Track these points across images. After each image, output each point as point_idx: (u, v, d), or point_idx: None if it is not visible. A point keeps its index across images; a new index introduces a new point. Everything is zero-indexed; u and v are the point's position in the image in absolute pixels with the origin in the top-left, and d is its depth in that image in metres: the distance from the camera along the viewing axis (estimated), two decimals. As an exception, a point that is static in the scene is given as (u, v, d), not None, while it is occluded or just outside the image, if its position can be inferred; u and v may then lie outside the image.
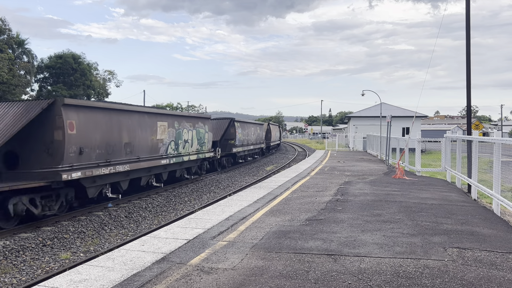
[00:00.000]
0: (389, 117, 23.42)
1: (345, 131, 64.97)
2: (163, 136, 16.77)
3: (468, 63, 13.71)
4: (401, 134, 38.76)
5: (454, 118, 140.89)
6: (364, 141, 40.07)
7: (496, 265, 5.65)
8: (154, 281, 5.15)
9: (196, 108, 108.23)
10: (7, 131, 10.63)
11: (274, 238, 7.06)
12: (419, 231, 7.41)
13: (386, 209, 9.52)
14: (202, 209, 11.35)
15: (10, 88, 40.52)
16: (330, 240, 6.91)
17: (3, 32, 43.69)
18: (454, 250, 6.31)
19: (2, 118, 11.15)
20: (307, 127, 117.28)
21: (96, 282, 5.15)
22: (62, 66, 53.16)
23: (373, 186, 13.57)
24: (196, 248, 6.56)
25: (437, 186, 13.63)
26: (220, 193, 17.97)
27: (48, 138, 11.33)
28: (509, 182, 9.83)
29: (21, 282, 7.65)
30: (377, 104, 43.05)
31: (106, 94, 60.68)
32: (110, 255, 6.34)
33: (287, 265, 5.69)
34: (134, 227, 12.16)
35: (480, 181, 11.23)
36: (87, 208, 13.09)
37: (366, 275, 5.26)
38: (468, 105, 13.97)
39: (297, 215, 8.89)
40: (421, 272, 5.37)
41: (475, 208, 9.93)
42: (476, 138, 11.50)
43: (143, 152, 15.19)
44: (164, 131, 16.88)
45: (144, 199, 15.38)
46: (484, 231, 7.49)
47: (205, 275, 5.33)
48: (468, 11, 13.74)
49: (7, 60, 41.20)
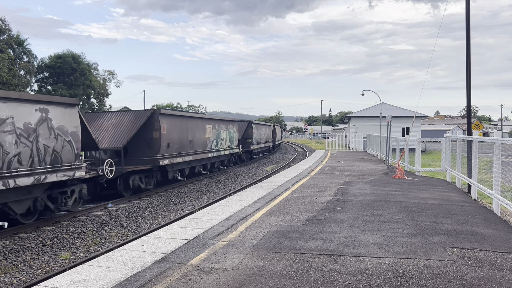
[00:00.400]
0: (389, 117, 23.42)
1: (345, 131, 64.97)
2: (209, 135, 22.37)
3: (468, 63, 13.71)
4: (401, 134, 38.76)
5: (454, 118, 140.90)
6: (364, 141, 40.07)
7: (496, 265, 5.65)
8: (154, 281, 5.16)
9: (196, 108, 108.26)
10: (127, 134, 15.97)
11: (274, 238, 7.06)
12: (419, 231, 7.41)
13: (386, 209, 9.52)
14: (202, 209, 11.35)
15: (10, 88, 40.50)
16: (330, 240, 6.91)
17: (3, 32, 43.69)
18: (454, 250, 6.31)
19: (120, 124, 16.52)
20: (307, 127, 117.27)
21: (96, 282, 5.15)
22: (62, 66, 53.11)
23: (373, 186, 13.57)
24: (196, 248, 6.56)
25: (437, 186, 13.63)
26: (220, 193, 17.97)
27: (149, 136, 16.73)
28: (509, 182, 9.83)
29: (21, 282, 7.65)
30: (377, 104, 43.06)
31: (106, 94, 60.62)
32: (110, 255, 6.34)
33: (287, 265, 5.68)
34: (134, 227, 12.16)
35: (480, 181, 11.23)
36: (87, 208, 13.10)
37: (366, 275, 5.26)
38: (468, 105, 13.98)
39: (297, 215, 8.89)
40: (421, 272, 5.37)
41: (475, 208, 9.93)
42: (476, 138, 11.50)
43: (199, 147, 20.87)
44: (210, 132, 22.49)
45: (144, 199, 15.39)
46: (484, 231, 7.49)
47: (205, 275, 5.33)
48: (468, 11, 13.75)
49: (7, 60, 41.21)
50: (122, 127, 16.39)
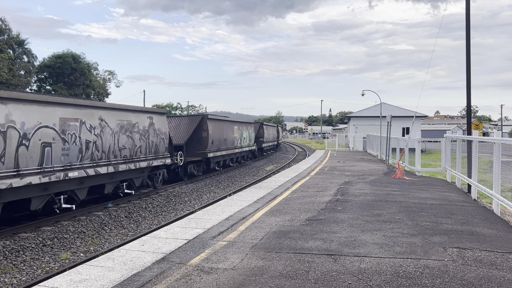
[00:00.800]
0: (389, 117, 23.42)
1: (345, 131, 64.95)
2: (236, 135, 28.40)
3: (468, 63, 13.71)
4: (401, 134, 38.75)
5: (454, 118, 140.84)
6: (364, 141, 40.06)
7: (496, 265, 5.65)
8: (154, 281, 5.15)
9: (196, 108, 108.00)
10: (186, 133, 21.86)
11: (274, 238, 7.06)
12: (419, 231, 7.41)
13: (386, 209, 9.52)
14: (202, 209, 11.35)
15: (10, 88, 40.49)
16: (330, 240, 6.91)
17: (3, 32, 43.67)
18: (454, 250, 6.31)
19: (179, 126, 22.30)
20: (307, 127, 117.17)
21: (96, 282, 5.15)
22: (62, 66, 53.08)
23: (373, 186, 13.57)
24: (196, 248, 6.56)
25: (437, 186, 13.63)
26: (220, 193, 17.97)
27: (199, 135, 22.21)
28: (509, 182, 9.83)
29: (21, 282, 7.65)
30: (377, 104, 43.04)
31: (106, 94, 60.62)
32: (110, 255, 6.34)
33: (287, 265, 5.68)
34: (134, 227, 12.16)
35: (480, 181, 11.23)
36: (87, 208, 13.10)
37: (366, 275, 5.26)
38: (468, 105, 13.98)
39: (297, 215, 8.88)
40: (421, 272, 5.37)
41: (475, 208, 9.93)
42: (476, 138, 11.49)
43: (229, 144, 26.72)
44: (236, 132, 28.50)
45: (144, 199, 15.39)
46: (484, 231, 7.49)
47: (205, 275, 5.33)
48: (468, 11, 13.74)
49: (7, 60, 41.20)
50: (181, 128, 22.22)
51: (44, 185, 10.71)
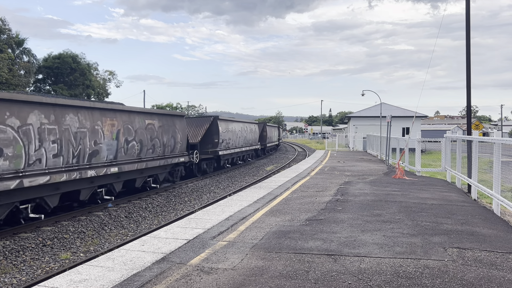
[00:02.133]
0: (389, 117, 23.42)
1: (345, 131, 64.95)
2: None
3: (468, 63, 13.71)
4: (401, 134, 38.75)
5: (454, 118, 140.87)
6: (364, 141, 40.06)
7: (496, 265, 5.65)
8: (154, 281, 5.15)
9: (196, 108, 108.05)
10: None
11: (274, 238, 7.06)
12: (419, 231, 7.41)
13: (386, 209, 9.52)
14: (202, 209, 11.35)
15: (10, 88, 40.48)
16: (330, 240, 6.91)
17: (3, 32, 43.67)
18: (454, 250, 6.31)
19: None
20: (307, 127, 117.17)
21: (96, 282, 5.15)
22: (61, 66, 53.03)
23: (373, 186, 13.57)
24: (196, 248, 6.56)
25: (437, 186, 13.63)
26: (220, 193, 17.97)
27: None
28: (509, 182, 9.83)
29: (21, 282, 7.65)
30: (377, 104, 43.03)
31: (106, 94, 60.61)
32: (110, 255, 6.34)
33: (287, 265, 5.68)
34: (134, 227, 12.15)
35: (480, 181, 11.23)
36: (87, 208, 13.10)
37: (366, 275, 5.26)
38: (468, 105, 13.98)
39: (297, 215, 8.88)
40: (421, 272, 5.37)
41: (475, 208, 9.92)
42: (476, 138, 11.49)
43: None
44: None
45: (144, 199, 15.39)
46: (484, 231, 7.49)
47: (205, 275, 5.33)
48: (468, 11, 13.75)
49: (7, 60, 41.20)
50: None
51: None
